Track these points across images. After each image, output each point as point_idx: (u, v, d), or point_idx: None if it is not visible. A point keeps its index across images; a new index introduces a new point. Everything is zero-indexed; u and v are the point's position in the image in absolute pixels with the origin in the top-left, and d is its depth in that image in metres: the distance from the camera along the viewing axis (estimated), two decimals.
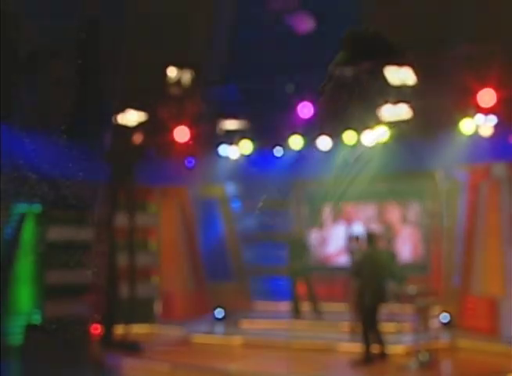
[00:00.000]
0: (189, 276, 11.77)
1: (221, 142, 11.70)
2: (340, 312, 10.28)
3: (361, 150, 11.04)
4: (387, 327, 8.42)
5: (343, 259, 11.87)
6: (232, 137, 11.42)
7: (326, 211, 12.88)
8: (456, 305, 9.70)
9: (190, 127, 10.47)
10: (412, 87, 8.76)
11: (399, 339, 8.80)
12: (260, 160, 12.26)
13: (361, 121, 10.21)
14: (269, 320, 10.76)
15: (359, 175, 11.68)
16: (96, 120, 9.94)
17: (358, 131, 10.61)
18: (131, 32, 8.59)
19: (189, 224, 12.21)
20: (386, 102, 9.25)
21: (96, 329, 9.21)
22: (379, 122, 10.03)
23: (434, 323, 8.96)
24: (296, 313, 10.79)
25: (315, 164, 11.98)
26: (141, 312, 10.56)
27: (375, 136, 10.47)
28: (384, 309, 8.33)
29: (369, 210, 12.65)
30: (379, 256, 8.21)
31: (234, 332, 10.04)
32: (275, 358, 8.72)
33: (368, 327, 7.91)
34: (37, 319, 8.95)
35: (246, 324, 10.63)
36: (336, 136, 10.99)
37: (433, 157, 10.46)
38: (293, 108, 9.63)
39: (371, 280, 7.84)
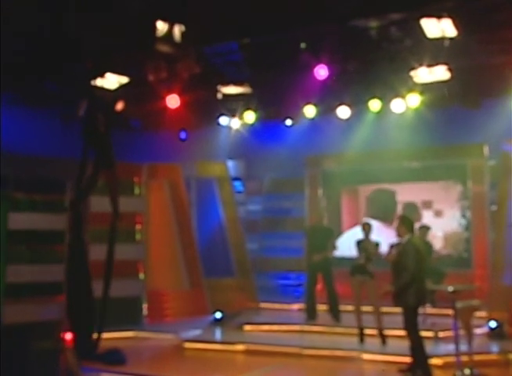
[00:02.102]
0: (182, 271, 11.62)
1: (221, 112, 11.81)
2: (363, 315, 9.97)
3: (389, 121, 11.26)
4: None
5: None
6: (233, 105, 11.49)
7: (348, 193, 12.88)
8: (506, 308, 9.41)
9: (183, 93, 10.34)
10: (453, 43, 8.37)
11: (435, 349, 8.52)
12: (267, 132, 12.49)
13: (390, 86, 10.19)
14: (278, 324, 10.54)
15: (387, 150, 12.16)
16: (68, 83, 9.67)
17: (386, 98, 10.61)
18: None
19: (182, 209, 12.01)
20: (420, 62, 9.08)
21: (69, 336, 8.81)
22: (412, 87, 9.95)
23: (478, 331, 8.73)
24: (310, 315, 10.50)
25: (333, 136, 12.15)
26: (125, 314, 10.48)
27: (407, 104, 10.43)
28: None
29: (400, 192, 12.48)
30: (419, 245, 7.85)
31: (236, 338, 9.86)
32: (284, 368, 8.53)
33: (412, 333, 7.65)
34: None
35: (250, 328, 10.47)
36: (359, 104, 11.07)
37: (478, 128, 10.33)
38: (307, 70, 9.49)
39: (416, 274, 7.51)
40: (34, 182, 9.40)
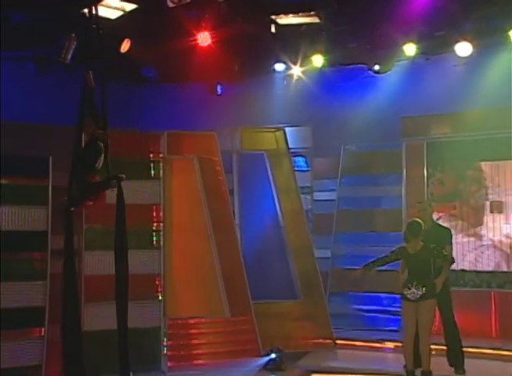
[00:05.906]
0: (219, 290, 10.98)
1: (276, 55, 11.88)
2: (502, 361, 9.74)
3: None
4: None
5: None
6: (294, 44, 11.47)
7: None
8: None
9: (218, 27, 10.33)
10: None
11: None
12: (343, 84, 12.53)
13: None
14: (364, 373, 9.94)
15: None
16: (45, 14, 9.47)
17: None
18: None
19: (219, 198, 11.52)
20: None
21: None
22: None
23: None
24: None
25: (444, 88, 11.75)
26: (136, 354, 9.41)
27: None
28: None
29: None
30: None
31: None
32: None
33: None
34: None
35: None
36: (486, 37, 10.76)
37: None
38: None
39: None
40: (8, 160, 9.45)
